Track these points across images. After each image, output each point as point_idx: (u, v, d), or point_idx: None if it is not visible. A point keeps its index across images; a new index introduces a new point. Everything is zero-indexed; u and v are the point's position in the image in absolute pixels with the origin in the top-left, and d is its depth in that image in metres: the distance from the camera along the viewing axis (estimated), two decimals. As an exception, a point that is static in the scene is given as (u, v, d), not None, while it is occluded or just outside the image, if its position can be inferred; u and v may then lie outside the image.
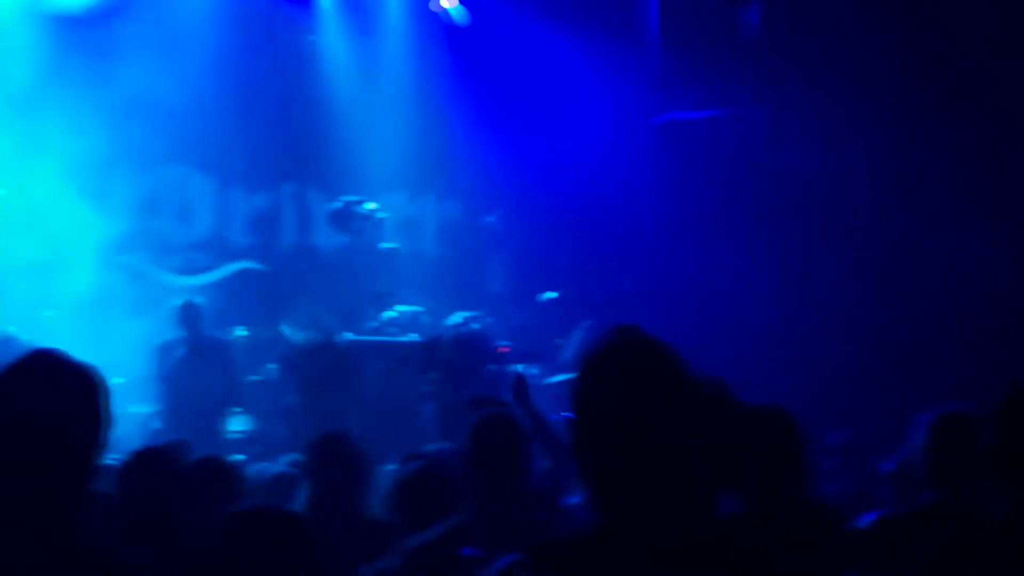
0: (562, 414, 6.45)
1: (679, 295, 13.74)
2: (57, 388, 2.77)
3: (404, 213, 16.49)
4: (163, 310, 13.04)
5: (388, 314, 14.20)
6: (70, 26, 14.69)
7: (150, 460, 4.79)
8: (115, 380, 9.60)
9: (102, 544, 2.83)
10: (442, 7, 15.91)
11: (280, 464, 7.51)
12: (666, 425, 2.57)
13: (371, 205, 15.11)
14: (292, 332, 12.20)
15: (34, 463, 2.71)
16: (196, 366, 11.53)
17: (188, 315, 11.81)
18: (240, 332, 13.47)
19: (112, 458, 4.63)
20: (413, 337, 12.88)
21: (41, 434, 2.72)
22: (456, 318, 12.27)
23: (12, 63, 14.35)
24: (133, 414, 11.78)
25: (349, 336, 12.45)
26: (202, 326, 11.79)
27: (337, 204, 15.07)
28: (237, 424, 12.04)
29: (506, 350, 12.50)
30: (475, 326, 12.20)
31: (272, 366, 12.28)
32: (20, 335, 11.45)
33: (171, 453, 4.87)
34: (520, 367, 12.72)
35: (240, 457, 9.27)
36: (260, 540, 3.21)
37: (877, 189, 13.14)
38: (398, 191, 16.38)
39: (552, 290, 14.15)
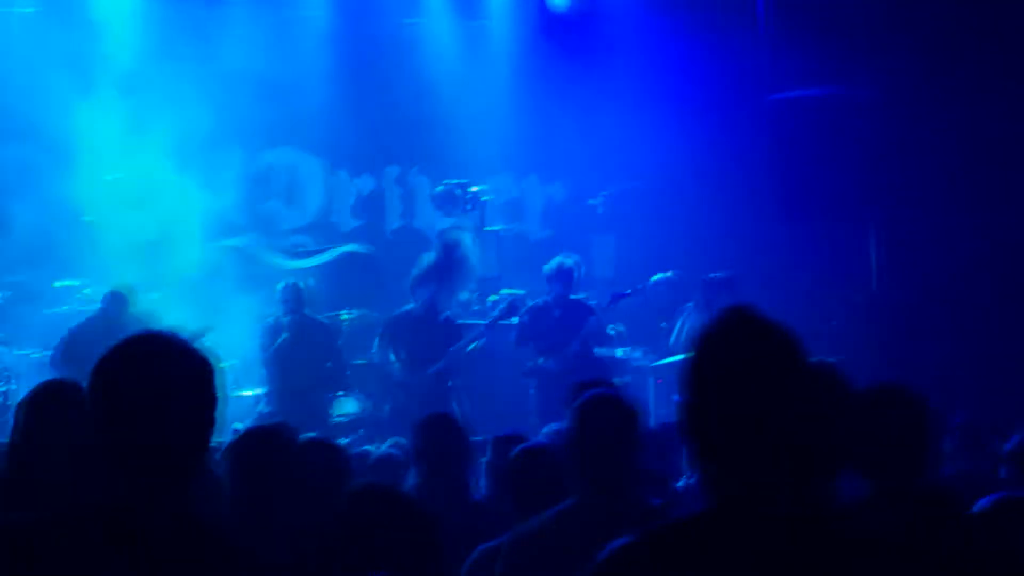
0: (673, 396, 6.36)
1: (791, 275, 13.56)
2: (171, 369, 2.78)
3: (508, 195, 16.44)
4: (270, 292, 13.13)
5: (492, 297, 14.17)
6: (178, 6, 14.86)
7: (258, 440, 4.77)
8: (224, 363, 9.72)
9: (214, 524, 2.85)
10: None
11: (385, 446, 7.50)
12: (784, 407, 2.51)
13: (475, 188, 15.10)
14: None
15: (150, 443, 2.74)
16: (302, 349, 11.56)
17: (293, 298, 11.85)
18: (345, 315, 13.51)
19: (220, 440, 4.64)
20: (515, 320, 12.80)
21: (155, 414, 2.73)
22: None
23: (122, 44, 14.55)
24: (241, 396, 11.89)
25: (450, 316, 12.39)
26: (307, 309, 11.82)
27: (441, 187, 15.05)
28: (342, 407, 12.07)
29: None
30: (588, 303, 12.13)
31: (375, 346, 12.29)
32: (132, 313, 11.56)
33: (278, 433, 4.84)
34: (624, 350, 12.68)
35: (345, 440, 9.28)
36: (383, 520, 3.17)
37: (996, 165, 12.86)
38: (502, 173, 16.33)
39: (660, 272, 14.00)
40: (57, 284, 13.56)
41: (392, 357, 11.84)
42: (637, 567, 2.52)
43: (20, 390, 11.41)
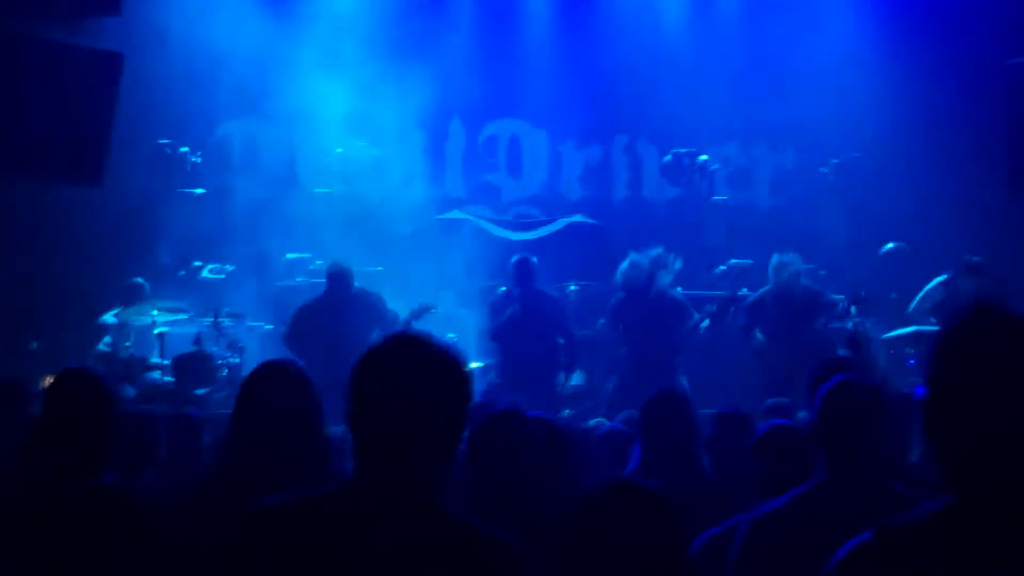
0: (917, 389, 6.10)
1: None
2: (430, 370, 2.92)
3: (736, 164, 16.13)
4: (494, 264, 13.16)
5: (720, 268, 13.94)
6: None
7: (497, 426, 4.72)
8: (449, 335, 9.75)
9: (462, 516, 2.95)
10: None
11: (616, 421, 7.40)
12: None
13: (703, 157, 14.86)
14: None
15: (406, 437, 2.88)
16: (532, 322, 11.52)
17: (522, 271, 11.82)
18: (572, 287, 13.45)
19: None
20: (744, 292, 12.53)
21: (413, 414, 2.88)
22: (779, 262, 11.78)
23: (349, 20, 14.78)
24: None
25: (676, 289, 12.19)
26: (535, 282, 11.78)
27: (669, 156, 14.87)
28: (569, 379, 12.02)
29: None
30: (804, 280, 11.75)
31: (602, 320, 12.18)
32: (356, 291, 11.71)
33: (515, 416, 4.78)
34: (855, 321, 12.27)
35: (568, 412, 9.23)
36: (625, 521, 3.12)
37: None
38: (730, 142, 16.03)
39: (891, 241, 13.57)
40: (288, 256, 13.84)
41: (617, 333, 11.72)
42: (877, 568, 2.45)
43: (250, 362, 11.70)
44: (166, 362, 12.00)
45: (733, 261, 13.97)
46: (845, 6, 15.36)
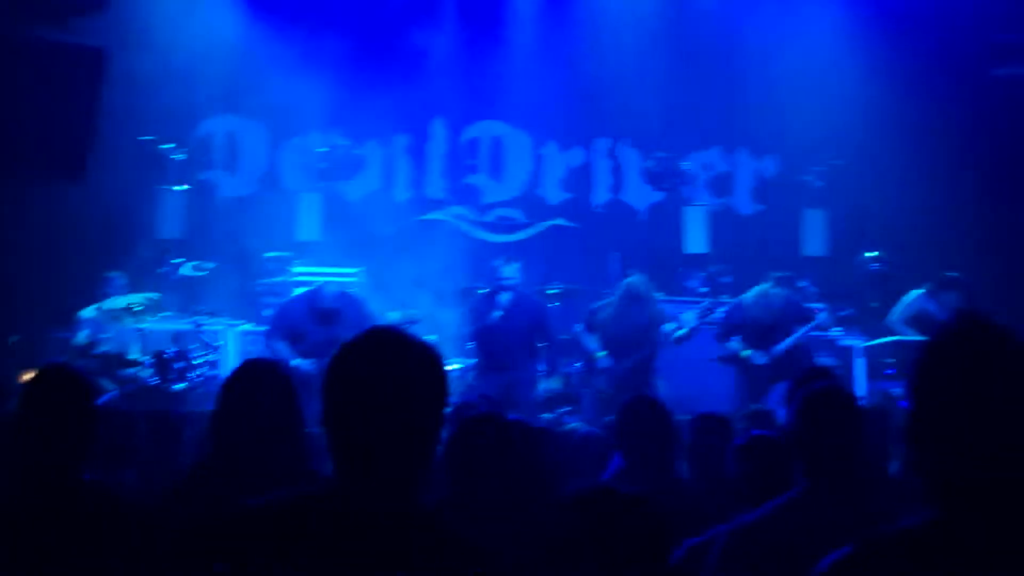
0: (900, 402, 6.15)
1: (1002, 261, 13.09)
2: (406, 366, 2.86)
3: (718, 170, 16.16)
4: (474, 266, 13.15)
5: (699, 274, 13.96)
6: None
7: (475, 429, 4.72)
8: (429, 336, 9.73)
9: (437, 516, 2.90)
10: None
11: (594, 427, 7.40)
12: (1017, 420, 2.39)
13: (685, 163, 14.89)
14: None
15: (383, 436, 2.81)
16: (514, 325, 11.52)
17: (504, 274, 11.81)
18: (551, 290, 13.46)
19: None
20: (722, 298, 12.55)
21: (391, 410, 2.81)
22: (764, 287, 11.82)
23: (331, 19, 14.81)
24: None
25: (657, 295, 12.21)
26: (518, 284, 11.77)
27: (651, 161, 14.88)
28: (548, 382, 12.01)
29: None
30: (778, 289, 11.78)
31: (579, 325, 12.18)
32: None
33: (493, 420, 4.79)
34: (834, 330, 12.33)
35: (547, 416, 9.23)
36: (609, 528, 3.12)
37: None
38: (712, 147, 16.06)
39: (872, 249, 13.61)
40: (268, 255, 13.82)
41: (595, 344, 11.71)
42: None
43: (228, 360, 11.67)
44: (144, 358, 11.96)
45: (713, 268, 14.00)
46: (828, 12, 15.38)
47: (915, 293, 12.19)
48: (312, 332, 10.99)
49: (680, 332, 11.62)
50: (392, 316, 11.45)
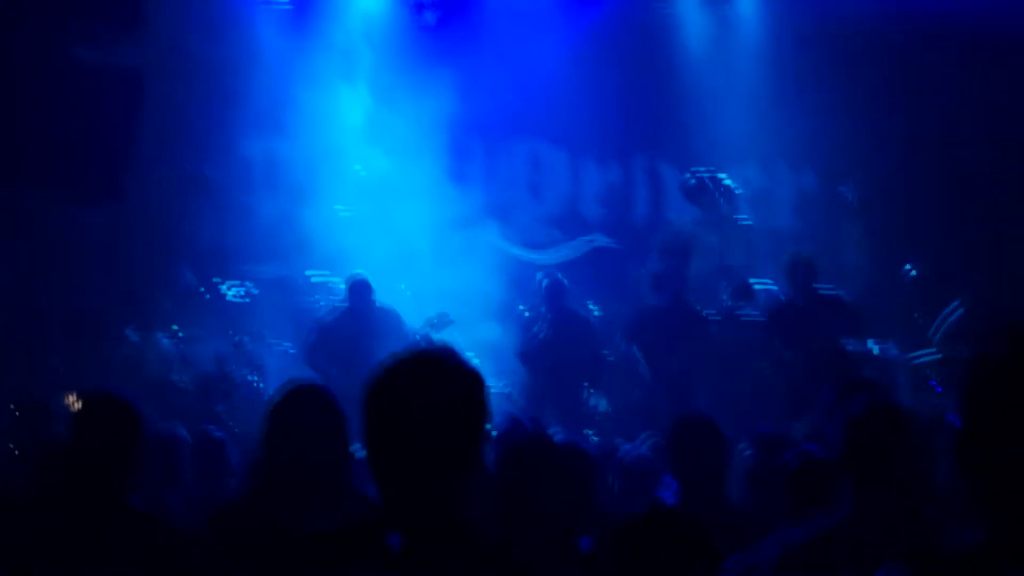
0: (947, 416, 6.07)
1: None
2: (447, 386, 2.87)
3: (756, 185, 16.06)
4: (514, 284, 13.12)
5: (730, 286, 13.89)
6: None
7: (524, 450, 4.71)
8: (469, 354, 9.71)
9: (491, 543, 2.91)
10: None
11: (642, 446, 7.36)
12: None
13: (724, 178, 14.82)
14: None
15: (426, 456, 2.82)
16: (562, 343, 11.47)
17: (553, 291, 11.79)
18: (592, 308, 13.42)
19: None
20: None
21: (432, 429, 2.82)
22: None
23: (368, 35, 14.84)
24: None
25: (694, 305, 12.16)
26: (566, 302, 11.74)
27: (689, 177, 14.83)
28: (595, 400, 11.98)
29: None
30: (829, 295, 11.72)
31: (621, 340, 12.13)
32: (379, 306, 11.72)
33: (543, 445, 4.77)
34: (878, 344, 12.25)
35: (590, 432, 9.21)
36: (659, 548, 3.10)
37: None
38: (750, 162, 15.96)
39: (913, 264, 13.51)
40: (310, 275, 13.84)
41: (636, 352, 11.67)
42: None
43: (270, 382, 11.68)
44: (187, 380, 12.01)
45: (754, 282, 13.91)
46: (863, 28, 15.25)
47: (955, 306, 12.11)
48: (348, 346, 10.98)
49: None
50: (425, 319, 11.42)
